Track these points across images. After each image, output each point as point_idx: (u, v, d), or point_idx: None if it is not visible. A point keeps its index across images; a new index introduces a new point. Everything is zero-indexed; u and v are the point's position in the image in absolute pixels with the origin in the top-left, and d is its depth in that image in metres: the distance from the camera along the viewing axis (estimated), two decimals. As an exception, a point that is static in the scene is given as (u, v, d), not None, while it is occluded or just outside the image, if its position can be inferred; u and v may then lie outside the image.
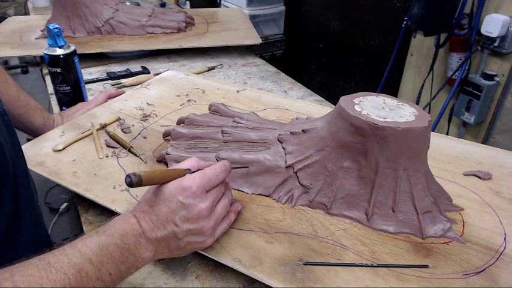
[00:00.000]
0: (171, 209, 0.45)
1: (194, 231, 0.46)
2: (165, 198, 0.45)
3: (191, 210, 0.45)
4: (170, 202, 0.45)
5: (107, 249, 0.40)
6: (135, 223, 0.44)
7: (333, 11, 2.12)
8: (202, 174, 0.47)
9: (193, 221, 0.45)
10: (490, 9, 1.36)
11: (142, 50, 1.23)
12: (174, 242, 0.45)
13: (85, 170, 0.64)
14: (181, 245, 0.46)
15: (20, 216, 0.53)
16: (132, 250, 0.42)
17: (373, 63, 1.98)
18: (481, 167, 0.67)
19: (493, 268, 0.49)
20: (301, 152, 0.58)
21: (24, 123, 0.76)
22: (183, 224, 0.45)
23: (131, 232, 0.43)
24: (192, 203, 0.45)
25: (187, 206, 0.45)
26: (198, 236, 0.46)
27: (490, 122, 1.47)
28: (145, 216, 0.44)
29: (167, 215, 0.44)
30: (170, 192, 0.45)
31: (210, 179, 0.47)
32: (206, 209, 0.46)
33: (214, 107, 0.77)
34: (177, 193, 0.45)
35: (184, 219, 0.45)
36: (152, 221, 0.44)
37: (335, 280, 0.46)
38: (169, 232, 0.44)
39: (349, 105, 0.54)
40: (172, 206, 0.45)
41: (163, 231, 0.44)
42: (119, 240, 0.41)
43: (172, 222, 0.44)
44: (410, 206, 0.53)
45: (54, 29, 0.83)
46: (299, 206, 0.58)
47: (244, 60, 1.26)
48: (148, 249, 0.44)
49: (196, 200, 0.45)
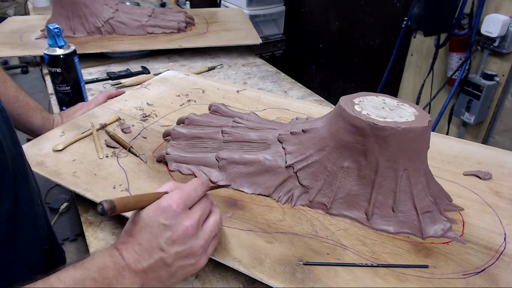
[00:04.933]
0: (154, 234, 0.40)
1: (183, 253, 0.41)
2: (145, 223, 0.41)
3: (176, 230, 0.41)
4: (151, 227, 0.40)
5: (82, 284, 0.36)
6: (116, 255, 0.40)
7: (333, 11, 2.12)
8: (179, 190, 0.43)
9: (180, 242, 0.41)
10: (490, 9, 1.36)
11: (142, 50, 1.22)
12: (164, 270, 0.41)
13: (85, 170, 0.64)
14: (173, 271, 0.42)
15: (19, 213, 0.53)
16: (113, 284, 0.38)
17: (373, 63, 1.98)
18: (481, 167, 0.67)
19: (493, 268, 0.49)
20: (301, 152, 0.58)
21: (23, 124, 0.76)
22: (170, 248, 0.40)
23: (112, 265, 0.39)
24: (175, 222, 0.41)
25: (170, 226, 0.41)
26: (189, 258, 0.42)
27: (490, 122, 1.47)
28: (128, 247, 0.40)
29: (151, 242, 0.40)
30: (150, 216, 0.41)
31: (188, 193, 0.43)
32: (192, 226, 0.42)
33: (214, 107, 0.77)
34: (157, 215, 0.41)
35: (170, 242, 0.40)
36: (136, 251, 0.40)
37: (335, 280, 0.46)
38: (157, 260, 0.40)
39: (349, 105, 0.54)
40: (154, 230, 0.40)
41: (149, 260, 0.40)
42: (97, 275, 0.37)
43: (158, 248, 0.40)
44: (410, 206, 0.53)
45: (54, 29, 0.83)
46: (299, 206, 0.58)
47: (244, 60, 1.26)
48: (134, 283, 0.40)
49: (179, 218, 0.41)
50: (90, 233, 0.58)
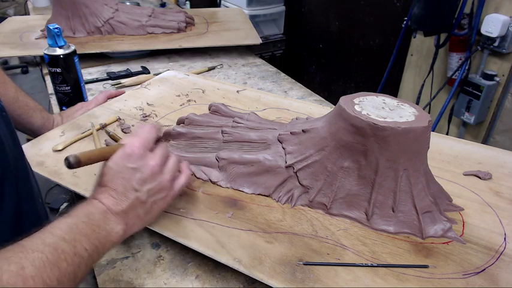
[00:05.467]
0: (126, 178, 0.46)
1: (154, 189, 0.47)
2: (115, 171, 0.46)
3: (144, 171, 0.47)
4: (121, 172, 0.46)
5: (76, 227, 0.41)
6: (97, 203, 0.44)
7: (333, 11, 2.12)
8: (136, 137, 0.49)
9: (149, 180, 0.47)
10: (490, 9, 1.36)
11: (142, 50, 1.22)
12: (140, 208, 0.46)
13: (85, 170, 0.63)
14: (148, 207, 0.47)
15: (22, 212, 0.53)
16: (102, 226, 0.43)
17: (373, 63, 1.98)
18: (481, 167, 0.67)
19: (493, 268, 0.49)
20: (301, 152, 0.58)
21: (23, 124, 0.76)
22: (142, 187, 0.46)
23: (96, 211, 0.43)
24: (141, 164, 0.47)
25: (138, 168, 0.46)
26: (160, 193, 0.48)
27: (490, 122, 1.47)
28: (105, 195, 0.45)
29: (124, 185, 0.45)
30: (118, 164, 0.46)
31: (145, 137, 0.49)
32: (157, 164, 0.48)
33: (214, 107, 0.77)
34: (124, 162, 0.46)
35: (141, 182, 0.46)
36: (112, 196, 0.45)
37: (335, 280, 0.46)
38: (133, 200, 0.45)
39: (349, 105, 0.54)
40: (125, 175, 0.46)
41: (126, 201, 0.45)
42: (86, 218, 0.42)
43: (132, 189, 0.46)
44: (410, 206, 0.53)
45: (54, 29, 0.83)
46: (299, 206, 0.58)
47: (244, 60, 1.26)
48: (119, 223, 0.44)
49: (144, 160, 0.47)
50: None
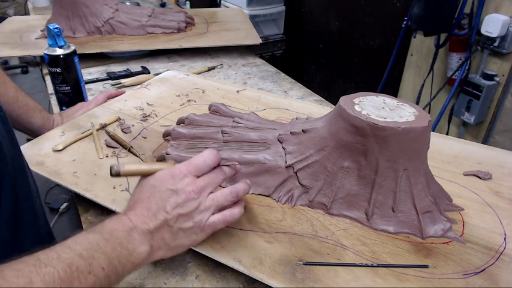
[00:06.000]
0: (162, 198, 0.45)
1: (183, 215, 0.45)
2: (155, 190, 0.45)
3: (180, 195, 0.45)
4: (160, 192, 0.45)
5: (97, 244, 0.39)
6: (125, 219, 0.43)
7: (333, 11, 2.12)
8: (188, 161, 0.47)
9: (182, 204, 0.45)
10: (490, 9, 1.36)
11: (142, 50, 1.22)
12: (167, 232, 0.45)
13: (85, 170, 0.64)
14: (174, 232, 0.45)
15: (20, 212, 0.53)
16: (125, 244, 0.41)
17: (373, 63, 1.98)
18: (481, 167, 0.67)
19: (493, 268, 0.49)
20: (301, 152, 0.58)
21: (23, 124, 0.76)
22: (173, 210, 0.44)
23: (121, 228, 0.42)
24: (180, 187, 0.45)
25: (176, 191, 0.45)
26: (187, 221, 0.45)
27: (490, 122, 1.47)
28: (136, 211, 0.44)
29: (158, 205, 0.44)
30: (159, 182, 0.45)
31: (197, 165, 0.47)
32: (193, 191, 0.45)
33: (214, 107, 0.77)
34: (165, 181, 0.45)
35: (174, 205, 0.44)
36: (144, 214, 0.44)
37: (335, 280, 0.46)
38: (161, 221, 0.44)
39: (349, 105, 0.54)
40: (162, 195, 0.45)
41: (155, 222, 0.44)
42: (109, 236, 0.41)
43: (164, 211, 0.44)
44: (410, 206, 0.53)
45: (54, 29, 0.83)
46: (299, 206, 0.58)
47: (244, 60, 1.26)
48: (143, 243, 0.43)
49: (184, 184, 0.45)
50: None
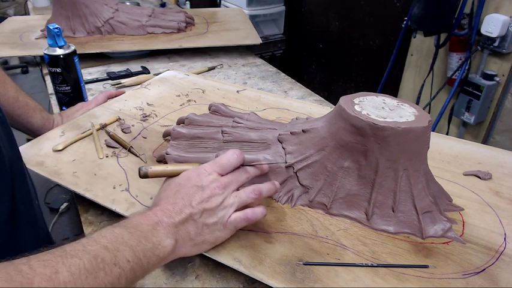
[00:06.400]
0: (188, 194, 0.47)
1: (207, 210, 0.47)
2: (181, 187, 0.47)
3: (206, 190, 0.47)
4: (186, 188, 0.47)
5: (122, 237, 0.40)
6: (151, 214, 0.45)
7: (333, 11, 2.12)
8: (213, 161, 0.50)
9: (207, 200, 0.47)
10: (490, 9, 1.36)
11: (142, 50, 1.22)
12: (191, 226, 0.46)
13: (85, 170, 0.64)
14: (199, 228, 0.46)
15: (17, 214, 0.53)
16: (150, 238, 0.42)
17: (373, 63, 1.98)
18: (481, 167, 0.67)
19: (493, 268, 0.49)
20: (301, 152, 0.58)
21: (23, 124, 0.76)
22: (199, 205, 0.46)
23: (146, 222, 0.43)
24: (205, 184, 0.47)
25: (202, 187, 0.47)
26: (212, 216, 0.47)
27: (490, 122, 1.47)
28: (162, 207, 0.46)
29: (184, 200, 0.46)
30: (185, 180, 0.48)
31: (221, 164, 0.50)
32: (218, 187, 0.48)
33: (214, 107, 0.77)
34: (191, 179, 0.48)
35: (199, 200, 0.46)
36: (169, 209, 0.45)
37: (335, 280, 0.46)
38: (187, 215, 0.45)
39: (349, 105, 0.54)
40: (188, 191, 0.47)
41: (180, 215, 0.45)
42: (134, 229, 0.42)
43: (189, 205, 0.46)
44: (410, 206, 0.53)
45: (54, 29, 0.83)
46: (299, 206, 0.58)
47: (244, 60, 1.26)
48: (169, 237, 0.44)
49: (210, 180, 0.48)
50: (90, 233, 0.58)
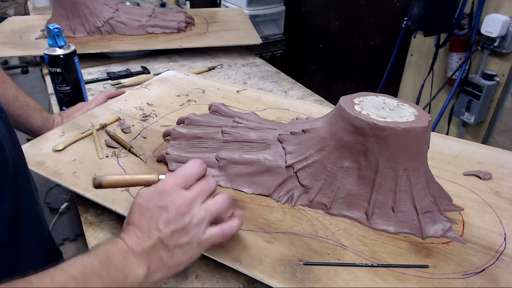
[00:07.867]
0: (152, 217, 0.42)
1: (177, 231, 0.42)
2: (143, 209, 0.42)
3: (170, 210, 0.42)
4: (149, 211, 0.42)
5: (91, 267, 0.38)
6: (120, 242, 0.41)
7: (333, 11, 2.12)
8: (173, 174, 0.44)
9: (174, 220, 0.42)
10: (490, 9, 1.36)
11: (142, 50, 1.22)
12: (163, 250, 0.42)
13: (85, 170, 0.64)
14: (171, 250, 0.42)
15: (21, 213, 0.53)
16: (120, 268, 0.39)
17: (373, 63, 1.98)
18: (481, 167, 0.67)
19: (493, 268, 0.49)
20: (301, 152, 0.58)
21: (23, 124, 0.76)
22: (166, 227, 0.41)
23: (117, 251, 0.40)
24: (168, 203, 0.42)
25: (165, 207, 0.42)
26: (182, 236, 0.42)
27: (490, 122, 1.47)
28: (129, 233, 0.42)
29: (149, 225, 0.42)
30: (147, 201, 0.43)
31: (183, 175, 0.44)
32: (183, 204, 0.42)
33: (214, 107, 0.77)
34: (153, 199, 0.42)
35: (166, 222, 0.42)
36: (137, 235, 0.42)
37: (335, 280, 0.46)
38: (155, 240, 0.41)
39: (349, 105, 0.54)
40: (152, 214, 0.42)
41: (148, 242, 0.41)
42: (104, 258, 0.39)
43: (156, 229, 0.41)
44: (410, 206, 0.53)
45: (54, 29, 0.83)
46: (299, 206, 0.58)
47: (244, 60, 1.26)
48: (140, 266, 0.40)
49: (173, 198, 0.42)
50: (90, 233, 0.58)
